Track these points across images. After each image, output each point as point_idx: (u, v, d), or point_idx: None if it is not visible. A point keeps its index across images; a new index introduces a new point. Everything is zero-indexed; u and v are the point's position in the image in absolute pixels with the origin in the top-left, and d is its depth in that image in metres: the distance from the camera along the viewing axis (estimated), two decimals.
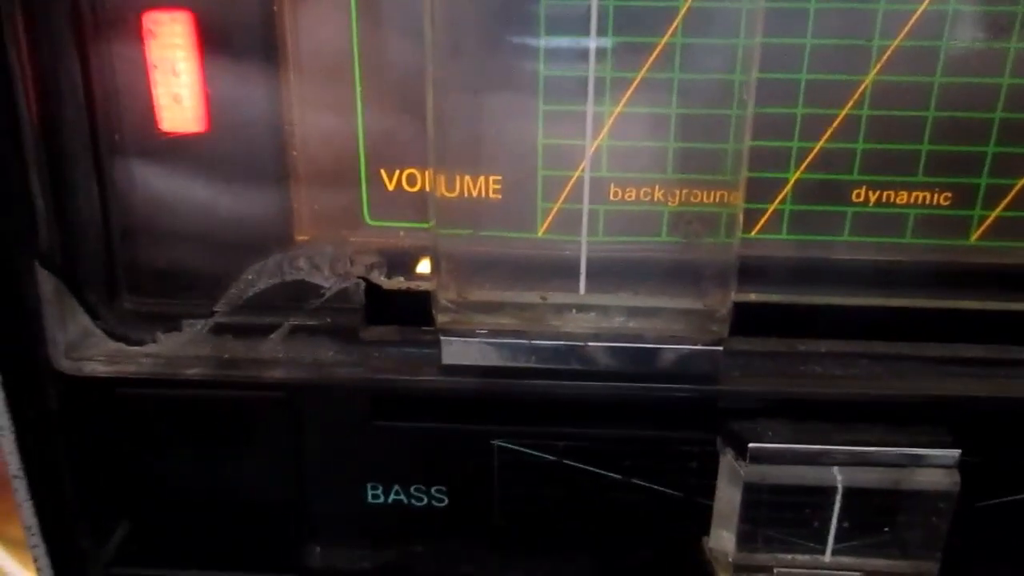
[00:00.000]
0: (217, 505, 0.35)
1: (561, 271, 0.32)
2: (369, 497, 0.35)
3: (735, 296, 0.32)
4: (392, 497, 0.35)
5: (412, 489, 0.35)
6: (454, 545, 0.36)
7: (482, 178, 0.33)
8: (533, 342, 0.30)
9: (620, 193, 0.33)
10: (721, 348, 0.30)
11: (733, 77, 0.29)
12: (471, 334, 0.30)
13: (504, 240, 0.33)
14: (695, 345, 0.30)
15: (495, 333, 0.30)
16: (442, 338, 0.30)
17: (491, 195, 0.34)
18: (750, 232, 0.34)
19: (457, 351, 0.30)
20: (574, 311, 0.30)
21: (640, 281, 0.31)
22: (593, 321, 0.30)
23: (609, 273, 0.31)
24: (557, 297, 0.31)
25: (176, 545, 0.36)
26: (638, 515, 0.34)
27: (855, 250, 0.34)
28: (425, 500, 0.35)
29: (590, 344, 0.30)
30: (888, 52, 0.32)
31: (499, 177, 0.33)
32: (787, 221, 0.34)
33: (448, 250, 0.31)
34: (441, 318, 0.30)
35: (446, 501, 0.35)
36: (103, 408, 0.33)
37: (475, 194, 0.33)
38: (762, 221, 0.34)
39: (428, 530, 0.35)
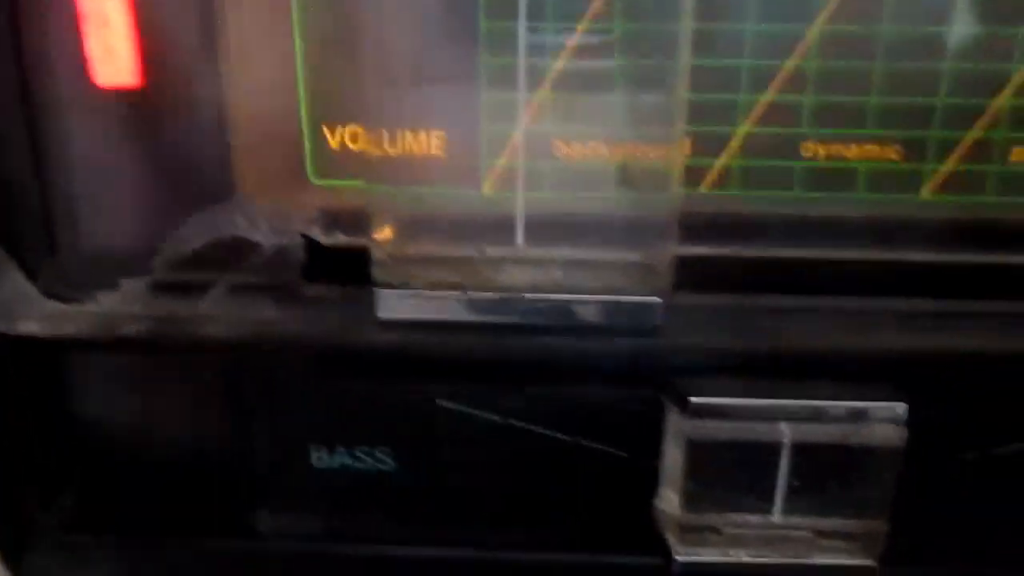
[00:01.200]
0: (162, 469, 0.35)
1: (503, 227, 0.32)
2: (314, 459, 0.34)
3: (681, 251, 0.32)
4: (337, 460, 0.34)
5: (357, 451, 0.34)
6: (402, 507, 0.36)
7: (424, 134, 0.33)
8: (468, 295, 0.29)
9: (565, 149, 0.33)
10: (660, 300, 0.29)
11: (672, 27, 0.28)
12: (406, 287, 0.29)
13: (447, 197, 0.33)
14: (634, 297, 0.29)
15: (430, 286, 0.29)
16: (376, 291, 0.29)
17: (434, 152, 0.33)
18: (699, 187, 0.34)
19: (391, 304, 0.29)
20: (512, 264, 0.30)
21: (581, 235, 0.30)
22: (530, 274, 0.30)
23: (550, 228, 0.31)
24: (495, 251, 0.30)
25: (123, 510, 0.36)
26: (587, 476, 0.34)
27: (806, 205, 0.34)
28: (370, 462, 0.34)
29: (526, 296, 0.29)
30: (834, 1, 0.31)
31: (442, 133, 0.33)
32: (737, 176, 0.34)
33: (386, 207, 0.30)
34: (377, 272, 0.30)
35: (392, 463, 0.34)
36: (40, 369, 0.33)
37: (417, 151, 0.33)
38: (711, 175, 0.34)
39: (375, 492, 0.35)
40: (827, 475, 0.32)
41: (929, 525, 0.33)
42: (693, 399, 0.30)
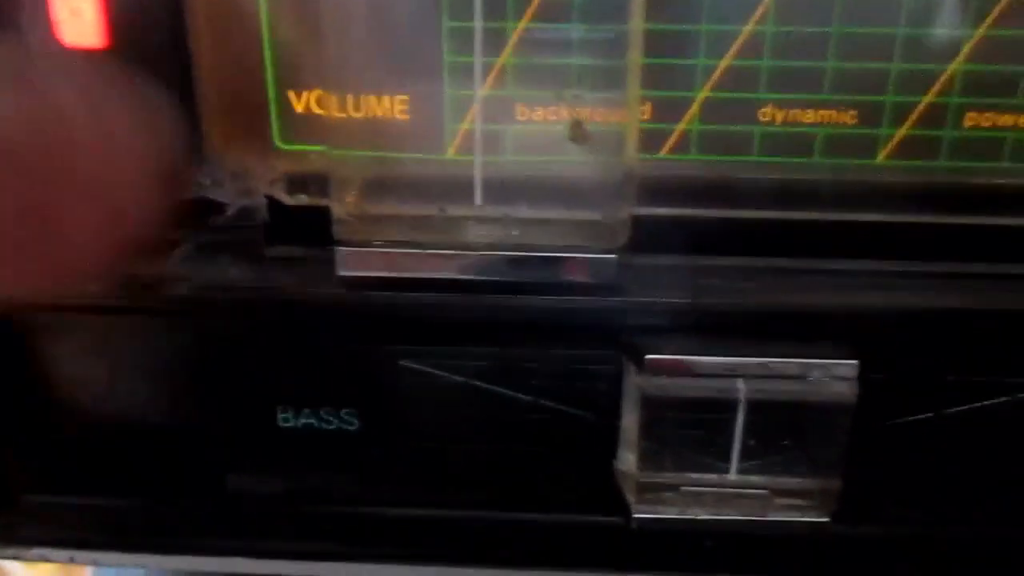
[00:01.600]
0: (127, 430, 0.35)
1: (465, 189, 0.32)
2: (280, 420, 0.35)
3: (638, 211, 0.32)
4: (302, 421, 0.35)
5: (322, 412, 0.35)
6: (367, 468, 0.36)
7: (387, 98, 0.33)
8: (427, 251, 0.30)
9: (528, 113, 0.33)
10: (615, 256, 0.30)
11: None
12: (366, 244, 0.30)
13: (411, 162, 0.33)
14: (590, 253, 0.30)
15: (390, 243, 0.30)
16: (336, 248, 0.30)
17: (398, 116, 0.34)
18: (659, 152, 0.34)
19: (351, 261, 0.30)
20: (472, 223, 0.30)
21: (540, 197, 0.31)
22: (489, 232, 0.30)
23: (510, 190, 0.31)
24: (456, 210, 0.31)
25: (86, 472, 0.36)
26: (549, 436, 0.35)
27: (764, 169, 0.34)
28: (335, 423, 0.35)
29: (485, 253, 0.30)
30: None
31: (406, 98, 0.33)
32: (695, 141, 0.34)
33: (350, 170, 0.30)
34: (338, 231, 0.30)
35: (356, 424, 0.35)
36: (1, 331, 0.33)
37: (381, 114, 0.33)
38: (671, 141, 0.34)
39: (341, 453, 0.35)
40: (781, 433, 0.32)
41: (882, 483, 0.34)
42: (649, 356, 0.31)
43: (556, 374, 0.33)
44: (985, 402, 0.33)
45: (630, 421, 0.33)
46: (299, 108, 0.35)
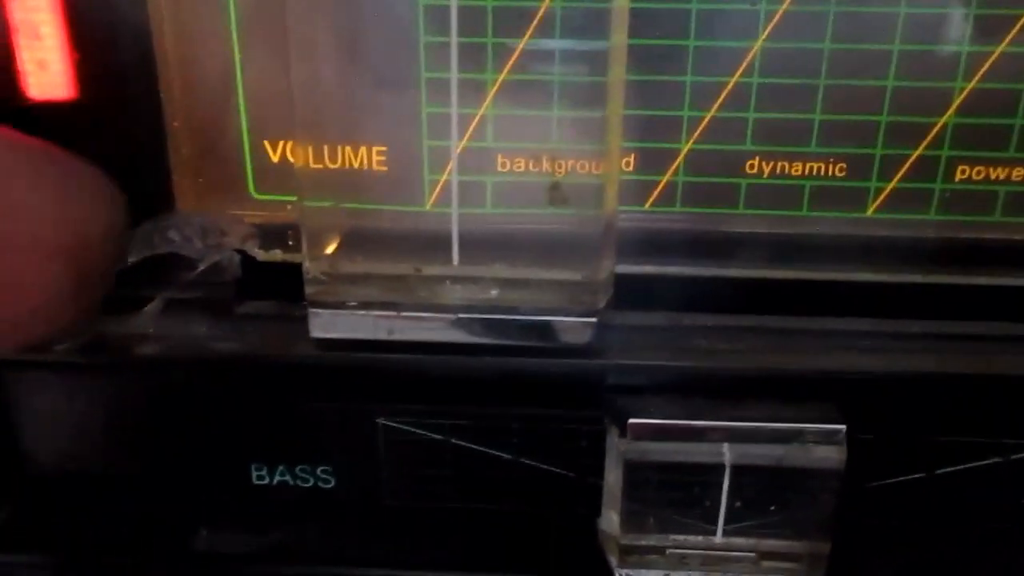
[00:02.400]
0: (98, 486, 0.34)
1: (443, 244, 0.31)
2: (254, 478, 0.34)
3: (622, 269, 0.31)
4: (277, 478, 0.34)
5: (297, 469, 0.34)
6: (344, 526, 0.35)
7: (364, 149, 0.32)
8: (403, 314, 0.29)
9: (508, 164, 0.32)
10: (595, 319, 0.29)
11: (607, 43, 0.28)
12: (340, 306, 0.29)
13: (389, 213, 0.32)
14: (568, 316, 0.29)
15: (365, 305, 0.29)
16: (309, 310, 0.29)
17: (375, 167, 0.33)
18: (643, 204, 0.34)
19: (325, 323, 0.29)
20: (448, 283, 0.29)
21: (518, 253, 0.30)
22: (466, 293, 0.29)
23: (488, 245, 0.31)
24: (432, 269, 0.30)
25: (57, 530, 0.35)
26: (530, 496, 0.34)
27: (750, 223, 0.33)
28: (311, 481, 0.34)
29: (462, 316, 0.29)
30: (776, 17, 0.31)
31: (383, 148, 0.33)
32: (680, 193, 0.33)
33: (319, 224, 0.30)
34: (310, 290, 0.29)
35: (333, 482, 0.34)
36: None
37: (357, 165, 0.32)
38: (655, 193, 0.33)
39: (317, 512, 0.35)
40: (768, 496, 0.31)
41: (873, 545, 0.33)
42: (630, 420, 0.30)
43: (537, 433, 0.32)
44: (976, 463, 0.32)
45: (613, 482, 0.32)
46: (275, 158, 0.34)
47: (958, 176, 0.32)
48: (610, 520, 0.32)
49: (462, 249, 0.31)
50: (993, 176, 0.32)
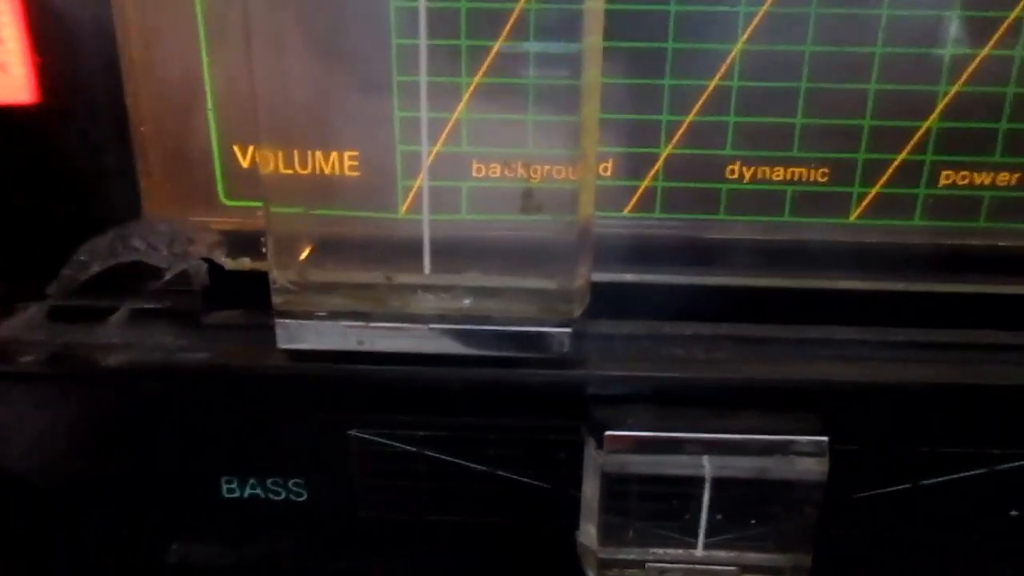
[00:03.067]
0: (66, 500, 0.33)
1: (416, 251, 0.31)
2: (224, 491, 0.33)
3: (600, 277, 0.31)
4: (248, 491, 0.33)
5: (269, 482, 0.33)
6: (317, 539, 0.34)
7: (335, 154, 0.31)
8: (372, 324, 0.28)
9: (484, 170, 0.32)
10: (570, 330, 0.28)
11: (581, 45, 0.27)
12: (308, 316, 0.28)
13: (361, 220, 0.32)
14: (542, 327, 0.28)
15: (334, 315, 0.28)
16: (276, 320, 0.28)
17: (347, 172, 0.32)
18: (622, 210, 0.33)
19: (292, 334, 0.28)
20: (419, 292, 0.29)
21: (492, 261, 0.29)
22: (438, 302, 0.28)
23: (462, 253, 0.30)
24: (403, 278, 0.29)
25: (23, 547, 0.34)
26: (506, 508, 0.33)
27: (732, 229, 0.33)
28: (284, 494, 0.33)
29: (433, 326, 0.28)
30: (756, 20, 0.30)
31: (355, 153, 0.32)
32: (660, 199, 0.33)
33: (288, 231, 0.29)
34: (277, 300, 0.28)
35: (305, 494, 0.33)
36: None
37: (328, 171, 0.31)
38: (634, 199, 0.33)
39: (289, 524, 0.34)
40: (750, 509, 0.31)
41: (855, 558, 0.33)
42: (607, 432, 0.29)
43: (512, 444, 0.31)
44: (960, 474, 0.31)
45: (591, 494, 0.31)
46: (245, 163, 0.33)
47: (942, 181, 0.32)
48: (588, 533, 0.32)
49: (435, 257, 0.30)
50: (977, 181, 0.32)
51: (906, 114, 0.31)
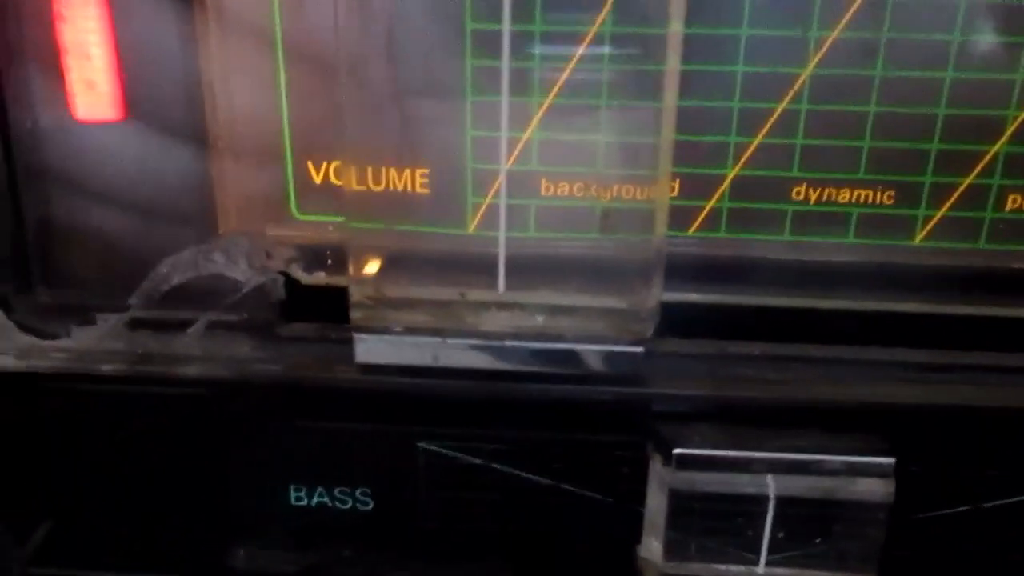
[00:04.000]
0: (137, 504, 0.34)
1: (486, 268, 0.31)
2: (292, 499, 0.34)
3: (667, 296, 0.31)
4: (316, 499, 0.34)
5: (336, 491, 0.34)
6: (381, 549, 0.35)
7: (408, 171, 0.32)
8: (448, 340, 0.29)
9: (553, 188, 0.32)
10: (642, 349, 0.29)
11: (657, 67, 0.28)
12: (385, 331, 0.29)
13: (431, 236, 0.32)
14: (615, 345, 0.28)
15: (410, 331, 0.29)
16: (354, 335, 0.29)
17: (418, 189, 0.33)
18: (687, 230, 0.33)
19: (369, 349, 0.29)
20: (494, 309, 0.29)
21: (564, 279, 0.30)
22: (512, 319, 0.29)
23: (534, 270, 0.30)
24: (477, 295, 0.29)
25: (97, 545, 0.35)
26: (569, 521, 0.33)
27: (796, 250, 0.33)
28: (350, 503, 0.34)
29: (507, 343, 0.29)
30: (826, 44, 0.30)
31: (426, 171, 0.32)
32: (726, 219, 0.33)
33: (366, 245, 0.30)
34: (356, 314, 0.29)
35: (371, 504, 0.34)
36: (17, 404, 0.32)
37: (400, 187, 0.32)
38: (700, 218, 0.33)
39: (354, 533, 0.34)
40: (813, 528, 0.31)
41: None
42: (676, 450, 0.29)
43: (577, 459, 0.32)
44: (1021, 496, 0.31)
45: (655, 509, 0.32)
46: (317, 179, 0.34)
47: (1009, 205, 0.32)
48: (651, 547, 0.32)
49: (508, 275, 0.30)
50: None
51: (974, 138, 0.31)
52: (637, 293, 0.29)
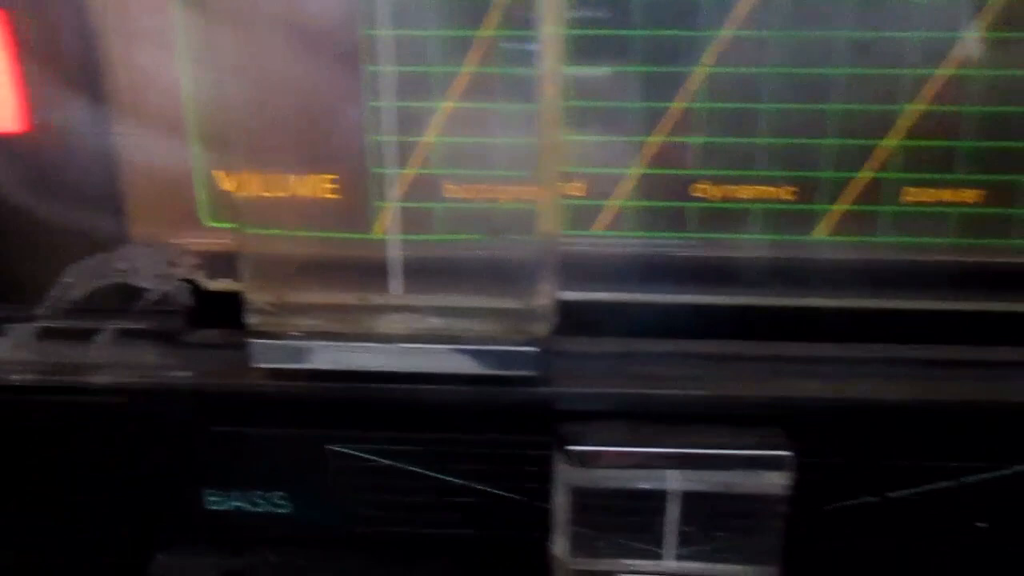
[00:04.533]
0: (53, 514, 0.35)
1: (387, 272, 0.31)
2: (209, 504, 0.34)
3: (569, 295, 0.31)
4: (232, 504, 0.34)
5: (253, 496, 0.34)
6: (302, 552, 0.35)
7: (310, 177, 0.32)
8: (342, 344, 0.29)
9: (454, 191, 0.33)
10: (537, 349, 0.29)
11: (536, 71, 0.28)
12: (280, 336, 0.29)
13: (333, 241, 0.33)
14: (510, 346, 0.29)
15: (306, 335, 0.29)
16: (250, 341, 0.29)
17: (322, 194, 0.33)
18: (590, 229, 0.34)
19: (266, 353, 0.29)
20: (391, 312, 0.30)
21: (462, 281, 0.30)
22: (408, 322, 0.29)
23: (432, 273, 0.31)
24: (375, 298, 0.30)
25: (11, 557, 0.35)
26: (482, 520, 0.34)
27: (699, 247, 0.33)
28: (266, 506, 0.34)
29: (403, 345, 0.29)
30: (720, 43, 0.31)
31: (329, 176, 0.33)
32: (628, 218, 0.33)
33: (263, 252, 0.30)
34: (253, 320, 0.30)
35: (289, 507, 0.34)
36: None
37: (303, 193, 0.32)
38: (603, 219, 0.34)
39: (274, 537, 0.35)
40: (716, 522, 0.31)
41: (823, 571, 0.33)
42: (574, 447, 0.30)
43: (485, 459, 0.32)
44: (926, 487, 0.32)
45: (561, 507, 0.32)
46: (226, 186, 0.34)
47: (906, 198, 0.32)
48: (559, 545, 0.33)
49: (408, 277, 0.31)
50: (942, 198, 0.32)
51: (869, 133, 0.32)
52: (529, 293, 0.29)
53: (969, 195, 0.32)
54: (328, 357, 0.29)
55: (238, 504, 0.34)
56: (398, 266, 0.30)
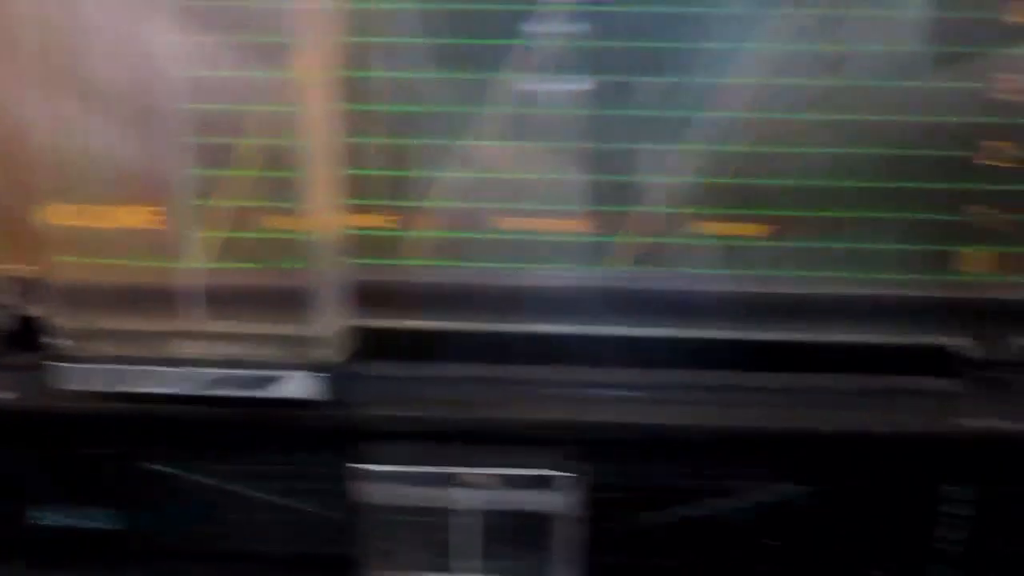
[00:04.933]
0: None
1: (187, 299, 0.33)
2: (33, 519, 0.35)
3: (365, 321, 0.33)
4: (57, 519, 0.36)
5: (76, 513, 0.35)
6: (129, 569, 0.37)
7: (140, 208, 0.34)
8: (132, 367, 0.31)
9: (269, 221, 0.34)
10: (326, 374, 0.31)
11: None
12: (76, 360, 0.31)
13: (138, 268, 0.34)
14: (298, 371, 0.31)
15: (99, 359, 0.31)
16: (45, 363, 0.31)
17: (144, 225, 0.34)
18: (391, 258, 0.35)
19: (63, 376, 0.31)
20: (183, 338, 0.31)
21: (260, 309, 0.32)
22: (200, 348, 0.31)
23: (234, 302, 0.32)
24: (168, 324, 0.32)
25: None
26: (288, 535, 0.35)
27: (494, 276, 0.35)
28: (85, 523, 0.35)
29: (192, 370, 0.31)
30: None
31: (152, 208, 0.34)
32: (426, 247, 0.35)
33: (69, 279, 0.32)
34: (54, 344, 0.31)
35: (110, 522, 0.36)
36: None
37: (130, 225, 0.34)
38: (408, 248, 0.35)
39: (96, 551, 0.36)
40: (508, 539, 0.33)
41: None
42: (359, 466, 0.32)
43: (288, 477, 0.34)
44: (713, 507, 0.33)
45: (358, 522, 0.34)
46: (51, 219, 0.35)
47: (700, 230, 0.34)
48: (360, 558, 0.34)
49: (210, 305, 0.32)
50: (725, 232, 0.34)
51: (656, 170, 0.34)
52: (318, 320, 0.31)
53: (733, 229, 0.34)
54: (117, 380, 0.31)
55: (63, 520, 0.36)
56: (201, 294, 0.32)
